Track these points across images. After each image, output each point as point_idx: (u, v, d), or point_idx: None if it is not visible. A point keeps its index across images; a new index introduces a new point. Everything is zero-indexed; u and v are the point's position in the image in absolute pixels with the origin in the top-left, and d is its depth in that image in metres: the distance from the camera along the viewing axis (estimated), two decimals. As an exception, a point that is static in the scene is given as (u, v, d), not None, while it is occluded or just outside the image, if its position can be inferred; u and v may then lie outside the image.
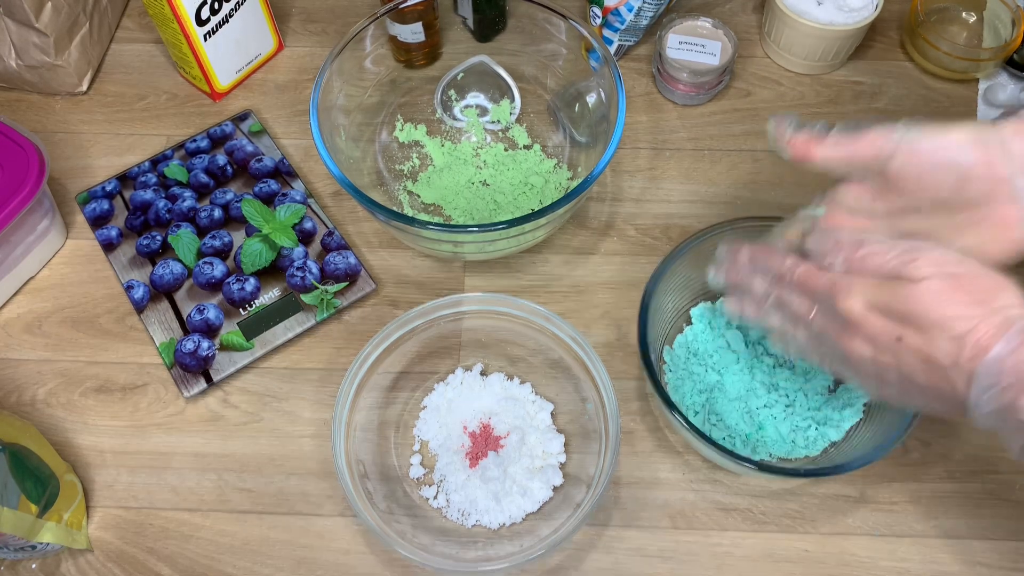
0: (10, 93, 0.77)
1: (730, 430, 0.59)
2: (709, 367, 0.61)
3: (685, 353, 0.62)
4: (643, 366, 0.54)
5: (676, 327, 0.63)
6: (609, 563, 0.56)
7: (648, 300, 0.56)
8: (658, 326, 0.60)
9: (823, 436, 0.58)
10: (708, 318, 0.63)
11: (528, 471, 0.58)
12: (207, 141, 0.73)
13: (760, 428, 0.59)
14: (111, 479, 0.60)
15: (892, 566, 0.56)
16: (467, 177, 0.70)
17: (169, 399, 0.63)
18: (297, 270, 0.66)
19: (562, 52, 0.69)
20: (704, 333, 0.62)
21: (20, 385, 0.63)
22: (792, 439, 0.58)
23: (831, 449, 0.58)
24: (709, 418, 0.59)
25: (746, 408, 0.59)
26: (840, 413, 0.58)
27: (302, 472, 0.60)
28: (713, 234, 0.58)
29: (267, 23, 0.76)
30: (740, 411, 0.59)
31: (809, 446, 0.58)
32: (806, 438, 0.58)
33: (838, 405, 0.59)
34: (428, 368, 0.63)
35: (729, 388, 0.60)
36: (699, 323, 0.63)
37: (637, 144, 0.73)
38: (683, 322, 0.63)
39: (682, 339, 0.63)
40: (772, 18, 0.75)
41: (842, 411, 0.58)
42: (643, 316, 0.56)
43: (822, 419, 0.58)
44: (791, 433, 0.58)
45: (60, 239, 0.69)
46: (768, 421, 0.59)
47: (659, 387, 0.53)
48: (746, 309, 0.52)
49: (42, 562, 0.57)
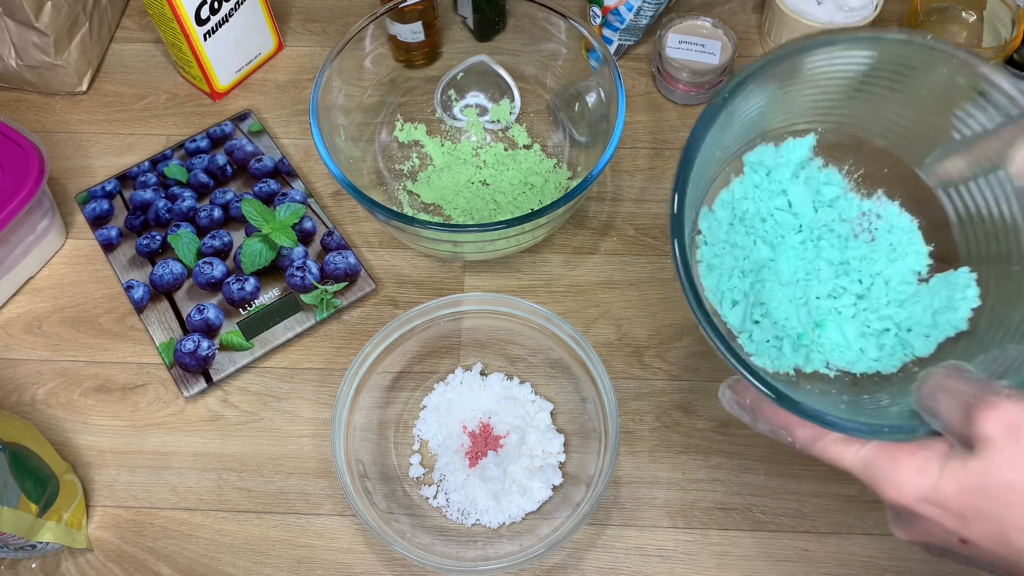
0: (10, 93, 0.77)
1: (777, 328, 0.43)
2: (759, 238, 0.44)
3: (729, 216, 0.44)
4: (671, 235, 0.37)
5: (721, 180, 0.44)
6: (608, 562, 0.56)
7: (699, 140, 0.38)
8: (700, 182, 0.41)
9: (904, 346, 0.42)
10: (767, 167, 0.44)
11: (528, 471, 0.58)
12: (207, 141, 0.73)
13: (818, 327, 0.43)
14: (111, 479, 0.60)
15: (892, 566, 0.56)
16: (467, 177, 0.70)
17: (169, 399, 0.63)
18: (297, 270, 0.66)
19: (562, 52, 0.69)
20: (758, 188, 0.44)
21: (20, 385, 0.63)
22: (860, 345, 0.43)
23: (913, 367, 0.42)
24: (752, 312, 0.43)
25: (802, 297, 0.43)
26: (933, 317, 0.41)
27: (302, 472, 0.60)
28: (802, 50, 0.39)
29: (267, 23, 0.76)
30: (794, 301, 0.43)
31: (882, 359, 0.42)
32: (880, 346, 0.42)
33: (932, 304, 0.42)
34: (428, 368, 0.63)
35: (783, 268, 0.43)
36: (754, 175, 0.44)
37: (637, 144, 0.73)
38: (732, 172, 0.45)
39: (726, 196, 0.44)
40: (772, 18, 0.75)
41: (936, 314, 0.41)
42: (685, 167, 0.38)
43: (906, 320, 0.42)
44: (860, 337, 0.43)
45: (60, 239, 0.69)
46: (830, 317, 0.43)
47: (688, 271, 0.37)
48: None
49: (42, 561, 0.57)
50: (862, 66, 0.41)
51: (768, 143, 0.45)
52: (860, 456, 0.36)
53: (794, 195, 0.44)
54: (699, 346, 0.63)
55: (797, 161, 0.44)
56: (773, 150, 0.44)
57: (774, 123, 0.44)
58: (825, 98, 0.43)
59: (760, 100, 0.41)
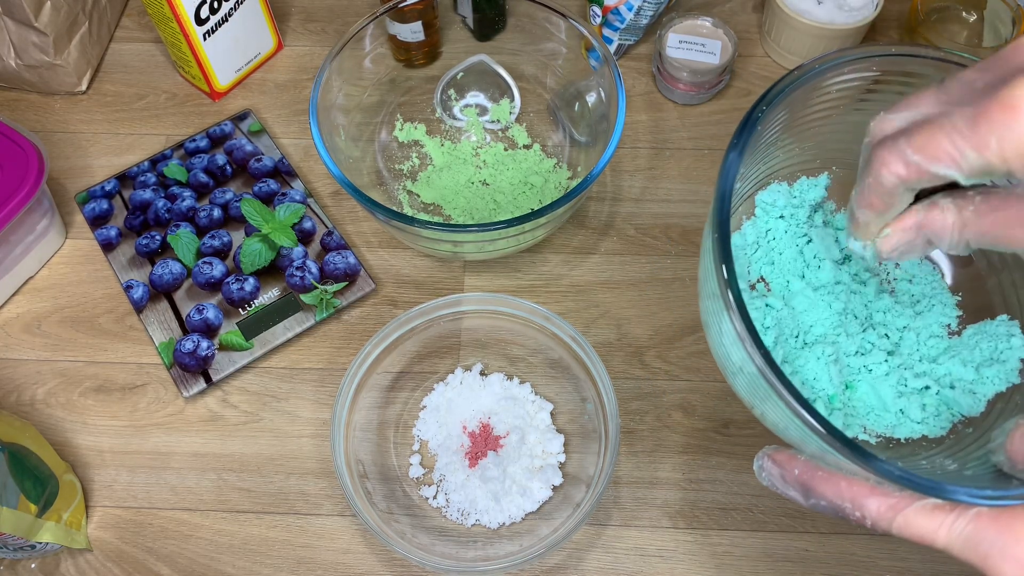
0: (9, 93, 0.77)
1: (806, 390, 0.39)
2: (782, 287, 0.41)
3: (743, 263, 0.41)
4: (716, 254, 0.32)
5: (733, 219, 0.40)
6: (608, 562, 0.56)
7: (742, 146, 0.34)
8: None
9: (949, 405, 0.39)
10: (780, 209, 0.41)
11: (528, 471, 0.58)
12: (206, 141, 0.73)
13: (848, 388, 0.39)
14: (110, 479, 0.60)
15: (892, 566, 0.56)
16: (467, 177, 0.70)
17: (168, 399, 0.63)
18: (296, 270, 0.66)
19: (562, 51, 0.69)
20: (778, 231, 0.41)
21: (19, 385, 0.63)
22: (899, 407, 0.39)
23: (963, 428, 0.38)
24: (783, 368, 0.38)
25: (832, 355, 0.39)
26: (977, 371, 0.38)
27: (301, 472, 0.60)
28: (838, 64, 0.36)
29: (266, 22, 0.76)
30: (823, 358, 0.39)
31: (927, 420, 0.39)
32: (922, 406, 0.39)
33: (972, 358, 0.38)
34: (428, 368, 0.63)
35: (806, 321, 0.39)
36: (766, 216, 0.41)
37: (637, 143, 0.73)
38: (742, 215, 0.42)
39: (737, 240, 0.41)
40: (772, 17, 0.75)
41: (980, 368, 0.38)
42: (726, 178, 0.34)
43: (945, 377, 0.39)
44: (898, 398, 0.39)
45: (59, 239, 0.69)
46: (860, 377, 0.39)
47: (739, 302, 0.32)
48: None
49: (41, 562, 0.57)
50: (866, 83, 0.38)
51: (782, 181, 0.41)
52: (958, 530, 0.29)
53: (818, 241, 0.40)
54: (699, 346, 0.63)
55: (811, 203, 0.41)
56: (787, 190, 0.41)
57: (789, 156, 0.41)
58: (837, 131, 0.40)
59: (781, 119, 0.38)
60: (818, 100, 0.38)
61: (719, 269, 0.32)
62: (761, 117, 0.35)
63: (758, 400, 0.34)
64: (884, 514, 0.31)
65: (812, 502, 0.34)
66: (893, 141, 0.30)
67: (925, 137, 0.28)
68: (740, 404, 0.61)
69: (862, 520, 0.32)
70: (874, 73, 0.37)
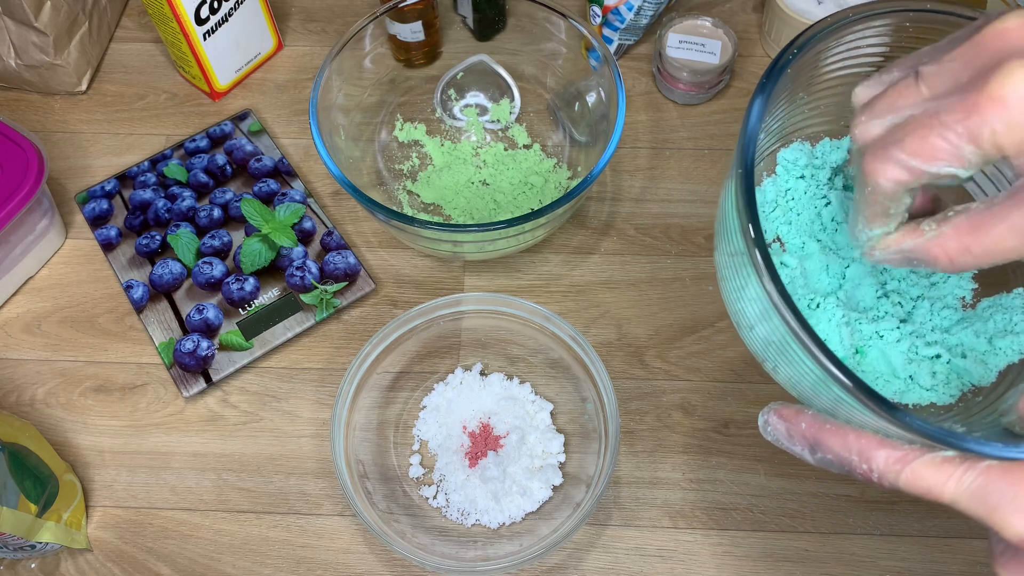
0: (9, 93, 0.77)
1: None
2: (796, 246, 0.41)
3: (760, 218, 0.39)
4: (742, 208, 0.32)
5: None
6: (608, 562, 0.56)
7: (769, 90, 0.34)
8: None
9: (959, 374, 0.39)
10: (801, 169, 0.40)
11: (528, 471, 0.58)
12: (206, 141, 0.73)
13: (859, 353, 0.39)
14: (110, 479, 0.60)
15: (892, 566, 0.56)
16: (467, 177, 0.70)
17: (168, 399, 0.63)
18: (296, 270, 0.66)
19: (562, 51, 0.69)
20: (798, 191, 0.40)
21: (19, 385, 0.63)
22: (909, 373, 0.39)
23: (972, 396, 0.38)
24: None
25: (844, 319, 0.38)
26: (990, 343, 0.38)
27: (301, 472, 0.60)
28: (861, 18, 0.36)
29: (266, 22, 0.76)
30: (836, 322, 0.39)
31: (937, 387, 0.39)
32: (932, 374, 0.39)
33: (986, 330, 0.39)
34: (427, 368, 0.63)
35: (816, 279, 0.39)
36: (786, 175, 0.40)
37: (637, 143, 0.73)
38: (762, 171, 0.41)
39: (757, 196, 0.40)
40: (772, 17, 0.75)
41: (994, 340, 0.38)
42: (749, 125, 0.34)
43: (958, 347, 0.39)
44: (908, 364, 0.39)
45: (59, 239, 0.69)
46: (871, 342, 0.39)
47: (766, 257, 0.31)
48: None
49: (41, 562, 0.57)
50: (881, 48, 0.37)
51: (804, 141, 0.41)
52: (967, 483, 0.29)
53: (836, 204, 0.40)
54: (699, 346, 0.63)
55: (832, 165, 0.40)
56: (809, 149, 0.41)
57: (813, 113, 0.40)
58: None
59: (807, 71, 0.37)
60: (845, 54, 0.37)
61: (745, 225, 0.31)
62: (792, 60, 0.34)
63: (773, 353, 0.34)
64: (892, 466, 0.31)
65: (818, 456, 0.33)
66: (884, 149, 0.29)
67: (918, 140, 0.28)
68: (740, 404, 0.61)
69: (868, 473, 0.31)
70: (904, 32, 0.36)
